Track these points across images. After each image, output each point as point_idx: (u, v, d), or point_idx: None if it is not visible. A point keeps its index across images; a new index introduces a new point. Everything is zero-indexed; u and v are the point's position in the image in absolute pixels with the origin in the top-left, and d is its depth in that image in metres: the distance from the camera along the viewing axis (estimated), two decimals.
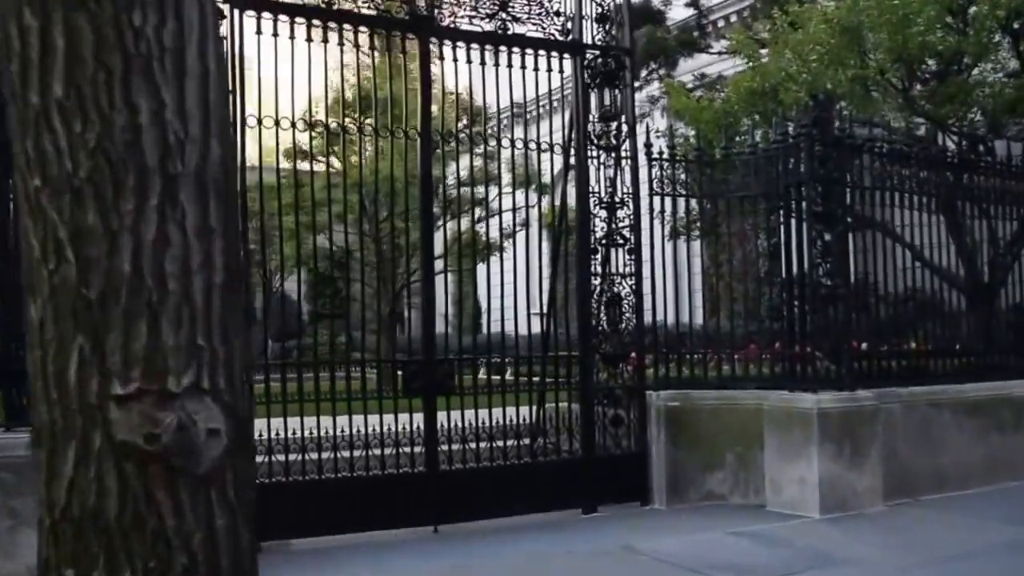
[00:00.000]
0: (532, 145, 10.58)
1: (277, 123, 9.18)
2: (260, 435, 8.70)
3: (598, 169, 10.62)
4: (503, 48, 10.21)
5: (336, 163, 11.11)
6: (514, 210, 10.76)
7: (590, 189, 10.59)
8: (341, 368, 9.60)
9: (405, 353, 10.37)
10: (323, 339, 12.11)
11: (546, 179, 11.56)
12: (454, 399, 9.93)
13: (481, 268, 12.37)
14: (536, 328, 11.18)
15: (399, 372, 10.14)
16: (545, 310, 11.16)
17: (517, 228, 11.19)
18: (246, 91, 9.01)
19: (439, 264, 10.96)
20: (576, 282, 10.87)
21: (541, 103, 10.38)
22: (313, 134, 9.73)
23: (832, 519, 9.50)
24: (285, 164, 10.08)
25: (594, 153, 10.64)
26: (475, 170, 12.09)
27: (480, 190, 13.57)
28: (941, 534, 9.18)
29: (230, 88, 8.80)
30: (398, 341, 15.89)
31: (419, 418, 9.53)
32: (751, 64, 15.51)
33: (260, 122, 9.04)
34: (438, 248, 11.20)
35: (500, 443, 9.99)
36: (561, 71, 10.53)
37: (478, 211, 12.87)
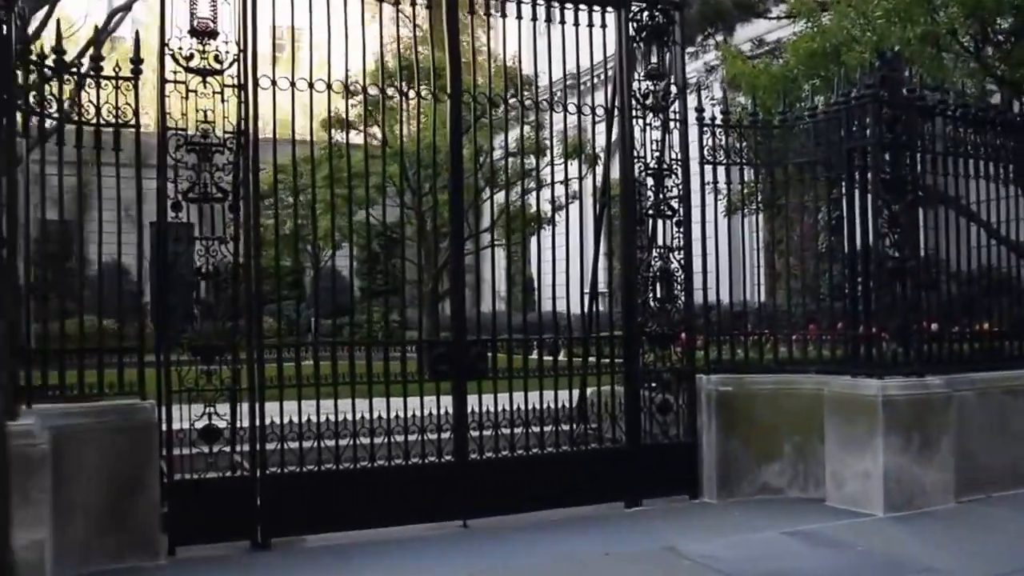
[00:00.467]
0: (572, 107, 9.78)
1: (293, 84, 8.45)
2: (271, 420, 8.09)
3: (643, 131, 9.76)
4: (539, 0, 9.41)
5: (365, 129, 10.23)
6: (552, 177, 9.96)
7: (635, 154, 9.74)
8: (361, 350, 8.87)
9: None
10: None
11: (588, 144, 10.71)
12: (486, 383, 9.16)
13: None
14: (576, 306, 10.39)
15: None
16: (588, 287, 10.39)
17: (557, 200, 10.40)
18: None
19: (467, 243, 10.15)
20: (620, 256, 10.06)
21: (582, 62, 9.57)
22: (332, 96, 8.91)
23: (898, 518, 8.72)
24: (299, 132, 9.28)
25: (639, 113, 9.78)
26: (511, 135, 11.17)
27: (516, 155, 12.67)
28: (1021, 537, 8.31)
29: (240, 47, 8.10)
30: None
31: (447, 403, 8.83)
32: (811, 24, 14.59)
33: (274, 83, 8.30)
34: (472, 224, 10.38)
35: (536, 430, 9.24)
36: (604, 25, 9.68)
37: (514, 180, 12.00)
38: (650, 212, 9.84)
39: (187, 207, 7.93)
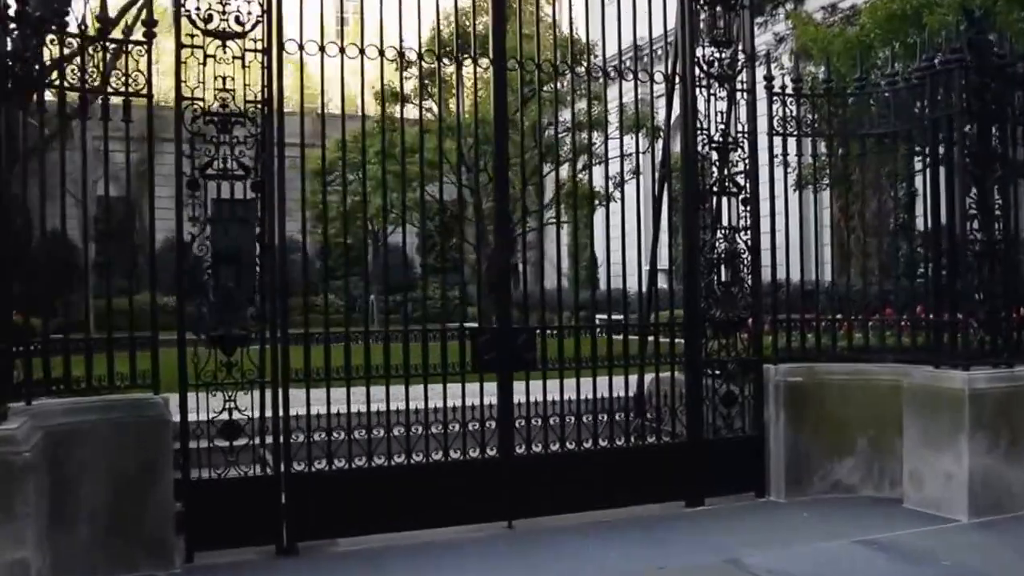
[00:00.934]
0: (628, 74, 9.02)
1: (322, 49, 7.78)
2: (296, 414, 7.49)
3: (707, 101, 8.98)
4: None
5: (402, 98, 9.51)
6: (606, 152, 9.20)
7: (698, 125, 8.97)
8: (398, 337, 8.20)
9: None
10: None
11: (646, 117, 9.93)
12: (535, 371, 8.48)
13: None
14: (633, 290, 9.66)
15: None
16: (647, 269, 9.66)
17: (613, 176, 9.64)
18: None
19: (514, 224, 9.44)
20: (681, 236, 9.30)
21: (641, 27, 8.83)
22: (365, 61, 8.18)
23: (984, 524, 7.95)
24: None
25: (703, 82, 9.01)
26: (559, 103, 10.28)
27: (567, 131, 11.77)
28: None
29: (264, 7, 7.44)
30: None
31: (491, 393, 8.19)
32: None
33: (302, 47, 7.64)
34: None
35: (589, 423, 8.55)
36: None
37: (564, 152, 11.19)
38: (714, 189, 9.10)
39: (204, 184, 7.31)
